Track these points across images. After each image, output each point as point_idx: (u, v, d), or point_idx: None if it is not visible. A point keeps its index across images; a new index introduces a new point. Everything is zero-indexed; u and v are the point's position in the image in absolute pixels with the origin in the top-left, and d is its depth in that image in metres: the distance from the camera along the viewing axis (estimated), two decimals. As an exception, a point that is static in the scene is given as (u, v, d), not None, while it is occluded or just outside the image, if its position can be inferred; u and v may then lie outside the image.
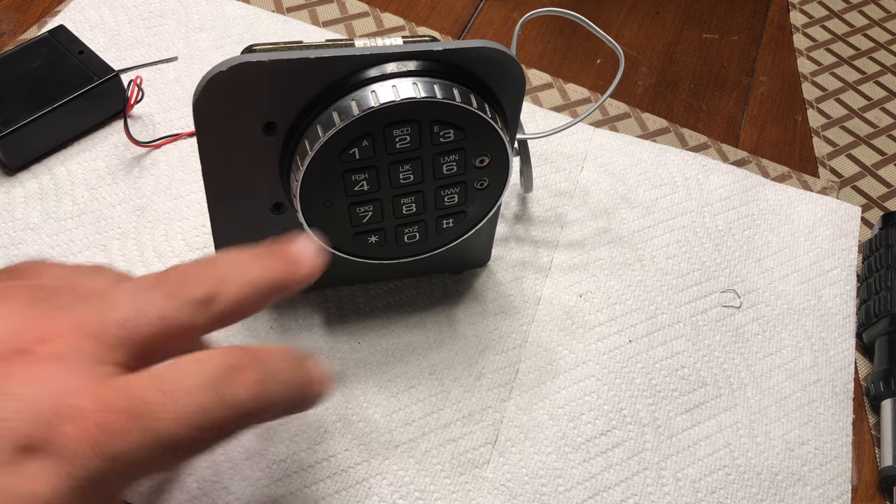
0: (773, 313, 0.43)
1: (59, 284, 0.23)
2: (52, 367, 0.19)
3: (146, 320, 0.21)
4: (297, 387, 0.24)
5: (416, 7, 0.56)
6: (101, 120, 0.45)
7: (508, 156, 0.34)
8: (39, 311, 0.21)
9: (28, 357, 0.19)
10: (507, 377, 0.39)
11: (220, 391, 0.21)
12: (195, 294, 0.23)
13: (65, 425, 0.19)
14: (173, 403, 0.20)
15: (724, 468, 0.38)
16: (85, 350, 0.20)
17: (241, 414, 0.22)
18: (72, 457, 0.19)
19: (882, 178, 0.52)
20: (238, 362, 0.22)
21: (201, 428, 0.21)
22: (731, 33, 0.59)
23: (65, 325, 0.20)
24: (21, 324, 0.20)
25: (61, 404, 0.19)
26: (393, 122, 0.30)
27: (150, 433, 0.20)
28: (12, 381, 0.19)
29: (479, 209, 0.36)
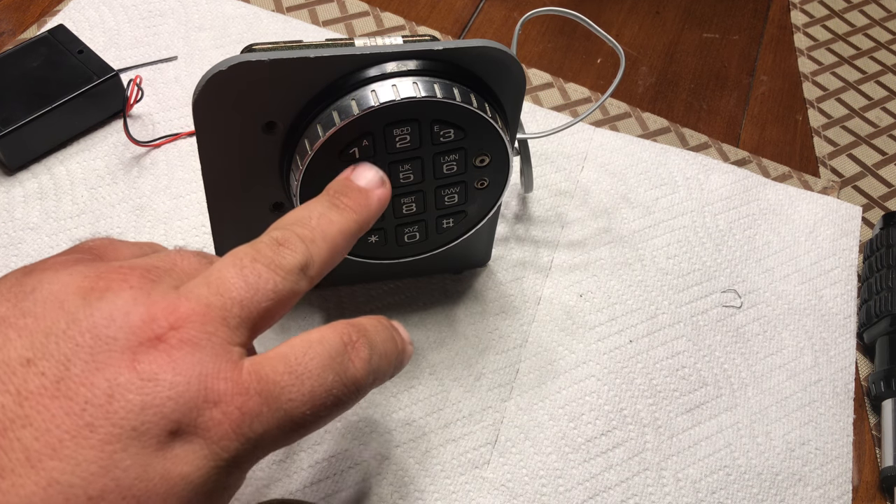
0: (774, 313, 0.43)
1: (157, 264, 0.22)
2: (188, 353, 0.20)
3: (261, 297, 0.22)
4: (396, 356, 0.25)
5: (416, 6, 0.56)
6: (101, 119, 0.45)
7: (509, 155, 0.34)
8: (160, 294, 0.21)
9: (165, 344, 0.20)
10: (507, 377, 0.39)
11: (340, 369, 0.22)
12: (294, 262, 0.23)
13: (210, 410, 0.20)
14: (301, 385, 0.21)
15: (724, 468, 0.38)
16: (214, 334, 0.21)
17: (357, 389, 0.23)
18: (217, 440, 0.20)
19: (883, 178, 0.52)
20: (350, 339, 0.23)
21: (325, 406, 0.22)
22: (732, 33, 0.59)
23: (190, 309, 0.21)
24: (149, 310, 0.20)
25: (205, 390, 0.20)
26: (393, 122, 0.30)
27: (282, 414, 0.21)
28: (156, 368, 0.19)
29: (479, 209, 0.36)
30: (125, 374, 0.19)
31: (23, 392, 0.18)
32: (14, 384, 0.18)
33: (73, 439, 0.18)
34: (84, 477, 0.18)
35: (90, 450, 0.18)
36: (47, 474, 0.18)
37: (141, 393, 0.19)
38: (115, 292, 0.20)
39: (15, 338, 0.19)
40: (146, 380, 0.19)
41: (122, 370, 0.19)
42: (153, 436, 0.19)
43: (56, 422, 0.18)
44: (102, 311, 0.20)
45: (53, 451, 0.18)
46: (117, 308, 0.20)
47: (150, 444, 0.19)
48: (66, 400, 0.18)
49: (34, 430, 0.18)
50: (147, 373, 0.19)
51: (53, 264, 0.22)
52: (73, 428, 0.18)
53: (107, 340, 0.19)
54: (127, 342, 0.19)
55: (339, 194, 0.27)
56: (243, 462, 0.21)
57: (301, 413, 0.21)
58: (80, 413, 0.18)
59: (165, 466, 0.19)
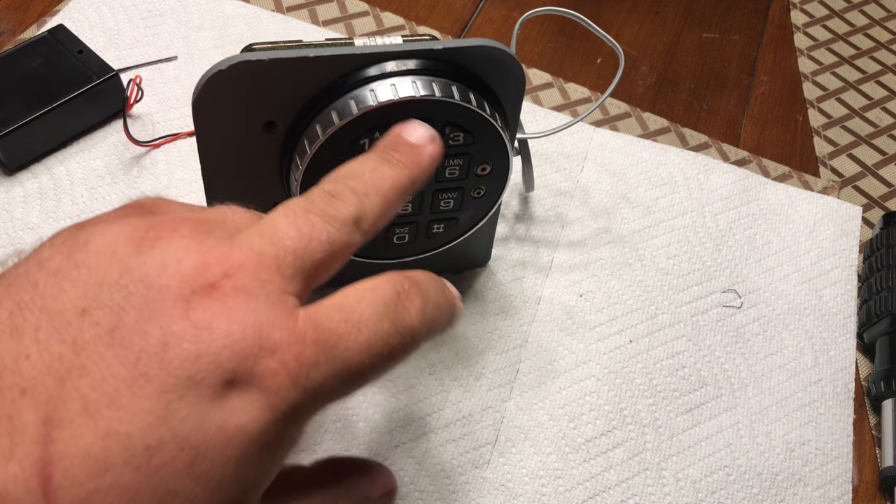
0: (774, 313, 0.43)
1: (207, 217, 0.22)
2: (243, 301, 0.19)
3: (315, 247, 0.21)
4: (447, 308, 0.25)
5: (415, 6, 0.56)
6: (101, 119, 0.45)
7: (508, 166, 0.34)
8: (212, 243, 0.20)
9: (218, 292, 0.19)
10: (507, 377, 0.39)
11: (396, 318, 0.22)
12: (349, 213, 0.23)
13: (266, 359, 0.19)
14: (358, 333, 0.21)
15: (724, 468, 0.38)
16: (269, 282, 0.20)
17: (413, 339, 0.22)
18: (274, 390, 0.19)
19: (883, 178, 0.52)
20: (404, 288, 0.23)
21: (381, 355, 0.21)
22: (732, 33, 0.59)
23: (244, 257, 0.20)
24: (202, 257, 0.20)
25: (261, 338, 0.19)
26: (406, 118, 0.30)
27: (339, 363, 0.20)
28: (211, 317, 0.19)
29: (470, 217, 0.36)
30: (179, 322, 0.18)
31: (79, 342, 0.18)
32: (70, 334, 0.18)
33: (129, 389, 0.18)
34: (141, 427, 0.17)
35: (146, 399, 0.18)
36: (105, 424, 0.17)
37: (195, 341, 0.18)
38: (167, 241, 0.20)
39: (69, 288, 0.19)
40: (201, 328, 0.18)
41: (176, 318, 0.18)
42: (209, 385, 0.18)
43: (112, 371, 0.18)
44: (154, 259, 0.19)
45: (111, 400, 0.17)
46: (169, 256, 0.19)
47: (206, 394, 0.18)
48: (120, 349, 0.18)
49: (91, 380, 0.18)
50: (201, 321, 0.19)
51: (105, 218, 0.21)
52: (129, 377, 0.18)
53: (159, 288, 0.19)
54: (180, 290, 0.19)
55: (391, 149, 0.26)
56: (302, 414, 0.20)
57: (359, 362, 0.21)
58: (134, 362, 0.18)
59: (222, 417, 0.18)
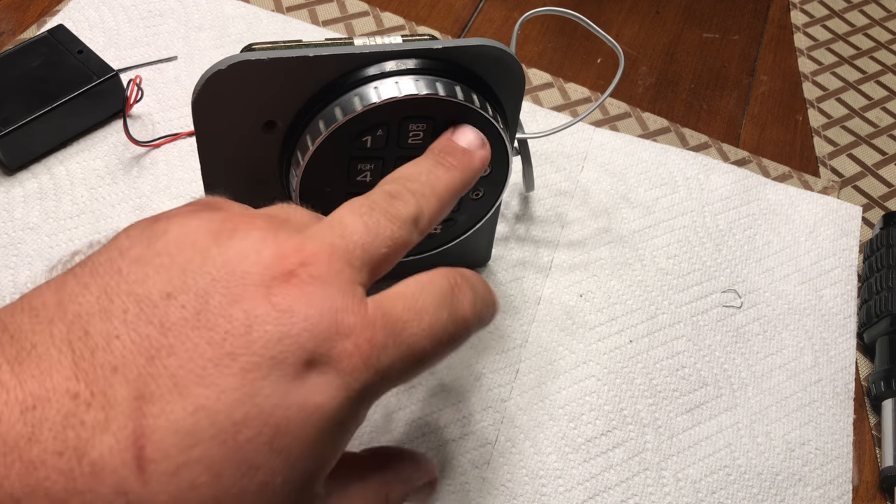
0: (774, 313, 0.43)
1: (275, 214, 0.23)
2: (319, 288, 0.20)
3: (381, 242, 0.23)
4: (492, 303, 0.26)
5: (415, 6, 0.56)
6: (101, 119, 0.45)
7: (507, 171, 0.34)
8: (286, 235, 0.21)
9: (296, 279, 0.20)
10: (507, 377, 0.39)
11: (453, 308, 0.24)
12: (409, 213, 0.25)
13: (342, 341, 0.20)
14: (421, 320, 0.22)
15: (724, 468, 0.38)
16: (342, 272, 0.21)
17: (467, 327, 0.24)
18: (350, 371, 0.20)
19: (883, 178, 0.52)
20: (456, 282, 0.24)
21: (441, 342, 0.23)
22: (732, 33, 0.59)
23: (317, 248, 0.21)
24: (279, 247, 0.21)
25: (337, 322, 0.20)
26: (411, 116, 0.30)
27: (406, 347, 0.22)
28: (291, 302, 0.20)
29: (467, 219, 0.36)
30: (261, 306, 0.19)
31: (166, 324, 0.19)
32: (157, 317, 0.19)
33: (216, 367, 0.19)
34: (228, 403, 0.18)
35: (232, 377, 0.19)
36: (194, 400, 0.18)
37: (277, 324, 0.19)
38: (245, 232, 0.21)
39: (153, 274, 0.20)
40: (282, 311, 0.20)
41: (259, 302, 0.20)
42: (290, 365, 0.19)
43: (199, 351, 0.19)
44: (234, 248, 0.20)
45: (199, 378, 0.18)
46: (248, 246, 0.21)
47: (288, 373, 0.19)
48: (206, 330, 0.19)
49: (179, 359, 0.18)
50: (282, 305, 0.20)
51: (179, 212, 0.22)
52: (216, 356, 0.19)
53: (241, 275, 0.20)
54: (261, 277, 0.20)
55: (444, 153, 0.28)
56: (371, 394, 0.22)
57: (422, 347, 0.22)
58: (220, 342, 0.19)
59: (303, 395, 0.19)
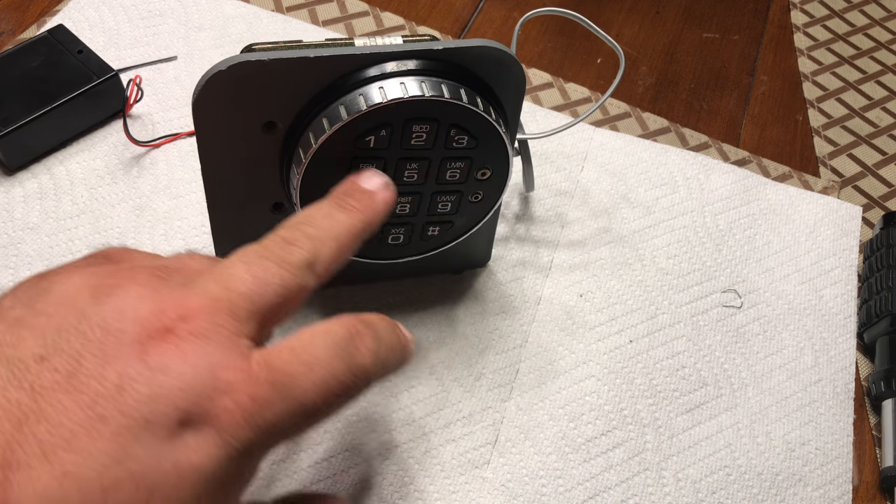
0: (774, 313, 0.43)
1: (167, 265, 0.23)
2: (197, 345, 0.20)
3: (270, 290, 0.22)
4: (399, 349, 0.26)
5: (415, 6, 0.56)
6: (101, 119, 0.45)
7: (507, 174, 0.34)
8: (169, 290, 0.21)
9: (173, 336, 0.20)
10: (507, 377, 0.39)
11: (349, 359, 0.23)
12: (302, 258, 0.24)
13: (220, 399, 0.20)
14: (311, 373, 0.22)
15: (724, 468, 0.38)
16: (223, 326, 0.21)
17: (365, 378, 0.23)
18: (228, 429, 0.20)
19: (883, 178, 0.52)
20: (356, 330, 0.24)
21: (335, 395, 0.22)
22: (732, 33, 0.59)
23: (198, 303, 0.21)
24: (158, 304, 0.20)
25: (215, 379, 0.20)
26: (415, 118, 0.30)
27: (293, 402, 0.21)
28: (166, 360, 0.19)
29: (466, 222, 0.36)
30: (135, 365, 0.19)
31: (37, 387, 0.19)
32: (28, 380, 0.19)
33: (86, 431, 0.18)
34: (97, 468, 0.18)
35: (102, 441, 0.18)
36: (62, 467, 0.18)
37: (151, 384, 0.19)
38: (125, 289, 0.21)
39: (29, 336, 0.20)
40: (156, 370, 0.19)
41: (132, 362, 0.19)
42: (164, 426, 0.19)
43: (69, 415, 0.18)
44: (111, 306, 0.20)
45: (67, 443, 0.18)
46: (126, 303, 0.20)
47: (161, 434, 0.19)
48: (77, 393, 0.19)
49: (48, 424, 0.18)
50: (156, 364, 0.19)
51: (67, 268, 0.22)
52: (86, 420, 0.18)
53: (116, 334, 0.20)
54: (136, 334, 0.20)
55: (345, 195, 0.27)
56: (255, 451, 0.21)
57: (312, 401, 0.22)
58: (91, 405, 0.18)
59: (177, 456, 0.19)
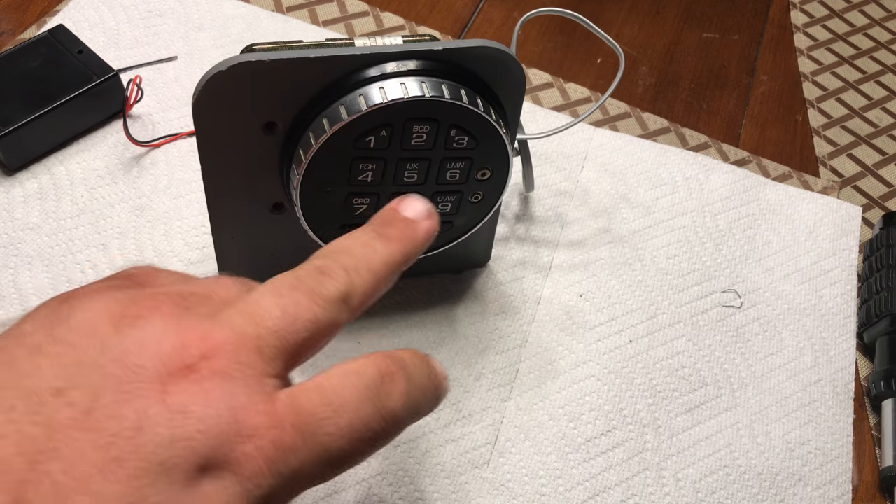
0: (774, 313, 0.43)
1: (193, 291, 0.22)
2: (220, 385, 0.19)
3: (300, 326, 0.21)
4: (433, 390, 0.24)
5: (415, 6, 0.56)
6: (101, 119, 0.45)
7: (507, 175, 0.34)
8: (193, 322, 0.20)
9: (196, 374, 0.19)
10: (507, 377, 0.39)
11: (379, 403, 0.21)
12: (335, 291, 0.22)
13: (243, 444, 0.19)
14: (338, 417, 0.20)
15: (724, 468, 0.38)
16: (248, 365, 0.20)
17: (395, 423, 0.22)
18: (250, 476, 0.19)
19: (883, 178, 0.52)
20: (388, 370, 0.22)
21: (363, 440, 0.21)
22: (732, 33, 0.59)
23: (224, 338, 0.20)
24: (180, 338, 0.19)
25: (237, 423, 0.19)
26: (415, 118, 0.30)
27: (319, 448, 0.20)
28: (186, 400, 0.19)
29: (466, 222, 0.36)
30: (154, 405, 0.18)
31: (52, 423, 0.18)
32: (44, 415, 0.18)
33: (101, 474, 0.17)
34: None
35: (117, 485, 0.17)
36: None
37: (170, 426, 0.18)
38: (147, 319, 0.20)
39: (46, 366, 0.19)
40: (176, 412, 0.18)
41: (152, 402, 0.18)
42: (182, 471, 0.18)
43: (84, 455, 0.17)
44: (133, 338, 0.19)
45: (81, 485, 0.17)
46: (148, 336, 0.19)
47: (179, 479, 0.18)
48: (93, 432, 0.18)
49: (62, 464, 0.17)
50: (177, 405, 0.18)
51: (89, 291, 0.21)
52: (101, 462, 0.17)
53: (136, 370, 0.19)
54: (157, 372, 0.19)
55: (385, 225, 0.26)
56: (278, 500, 0.20)
57: (339, 447, 0.20)
58: (107, 446, 0.18)
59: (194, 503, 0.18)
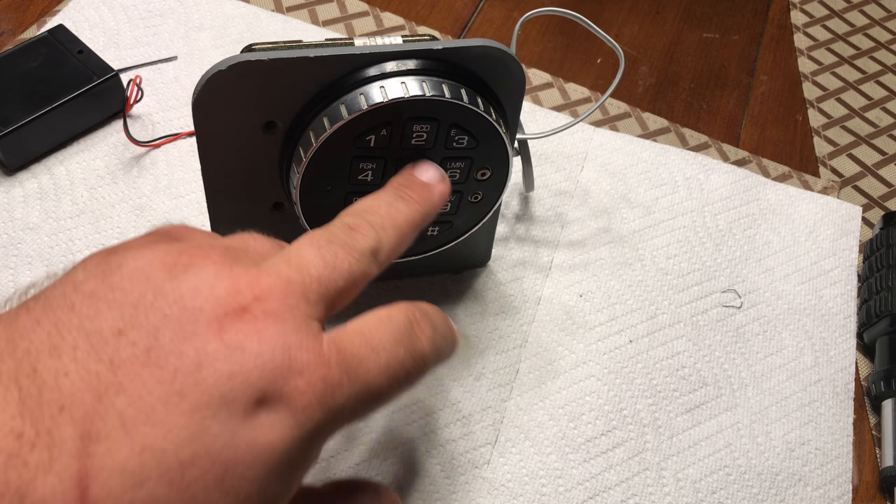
0: (774, 313, 0.43)
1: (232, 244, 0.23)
2: (273, 325, 0.20)
3: (339, 275, 0.23)
4: (451, 339, 0.26)
5: (415, 6, 0.56)
6: (101, 119, 0.45)
7: (507, 175, 0.34)
8: (242, 269, 0.21)
9: (249, 315, 0.20)
10: (507, 377, 0.39)
11: (410, 345, 0.23)
12: (368, 245, 0.24)
13: (295, 379, 0.20)
14: (377, 357, 0.22)
15: (724, 468, 0.38)
16: (296, 307, 0.21)
17: (424, 364, 0.24)
18: (302, 409, 0.20)
19: (883, 178, 0.52)
20: (415, 317, 0.24)
21: (398, 379, 0.23)
22: (732, 33, 0.59)
23: (272, 283, 0.21)
24: (233, 283, 0.21)
25: (290, 360, 0.20)
26: (415, 117, 0.30)
27: (360, 385, 0.21)
28: (243, 339, 0.20)
29: (465, 222, 0.36)
30: (213, 343, 0.19)
31: (116, 360, 0.19)
32: (107, 353, 0.19)
33: (165, 406, 0.18)
34: (175, 442, 0.18)
35: (181, 416, 0.18)
36: (141, 439, 0.18)
37: (228, 362, 0.19)
38: (199, 266, 0.21)
39: (105, 310, 0.19)
40: (233, 348, 0.19)
41: (210, 339, 0.19)
42: (240, 404, 0.19)
43: (148, 389, 0.18)
44: (188, 283, 0.20)
45: (146, 416, 0.18)
46: (202, 281, 0.20)
47: (238, 412, 0.19)
48: (156, 368, 0.19)
49: (127, 397, 0.18)
50: (234, 342, 0.19)
51: (136, 244, 0.22)
52: (165, 395, 0.18)
53: (193, 311, 0.20)
54: (213, 313, 0.20)
55: (404, 187, 0.28)
56: (324, 433, 0.21)
57: (378, 384, 0.22)
58: (170, 381, 0.19)
59: (252, 434, 0.19)
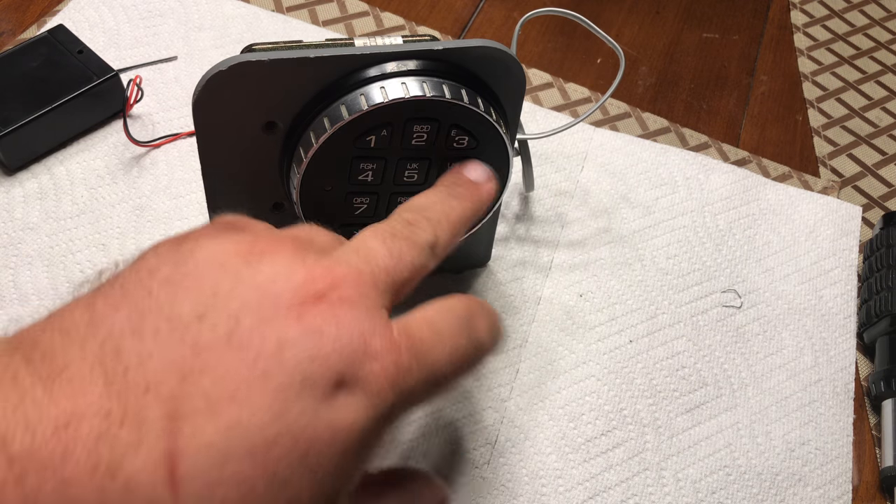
0: (774, 313, 0.43)
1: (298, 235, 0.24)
2: (348, 311, 0.21)
3: (403, 267, 0.24)
4: (499, 329, 0.27)
5: (416, 6, 0.56)
6: (101, 119, 0.45)
7: (507, 175, 0.34)
8: (314, 259, 0.22)
9: (326, 302, 0.21)
10: (507, 377, 0.39)
11: (471, 333, 0.24)
12: (427, 239, 0.26)
13: (370, 363, 0.21)
14: (443, 344, 0.23)
15: (724, 468, 0.38)
16: (367, 296, 0.22)
17: (483, 352, 0.25)
18: (376, 392, 0.21)
19: (883, 178, 0.52)
20: (473, 308, 0.25)
21: (461, 365, 0.24)
22: (732, 33, 0.59)
23: (344, 272, 0.22)
24: (308, 271, 0.21)
25: (365, 345, 0.21)
26: (415, 118, 0.30)
27: (427, 370, 0.22)
28: (321, 323, 0.20)
29: None
30: (293, 327, 0.20)
31: (198, 344, 0.19)
32: (189, 337, 0.19)
33: (249, 387, 0.19)
34: (260, 422, 0.18)
35: (265, 396, 0.19)
36: (227, 419, 0.18)
37: (308, 345, 0.20)
38: (273, 255, 0.21)
39: (183, 296, 0.20)
40: (312, 333, 0.20)
41: (290, 324, 0.20)
42: (320, 386, 0.20)
43: (232, 370, 0.19)
44: (265, 271, 0.21)
45: (232, 397, 0.18)
46: (278, 269, 0.21)
47: (318, 393, 0.19)
48: (239, 351, 0.19)
49: (212, 378, 0.19)
50: (312, 326, 0.20)
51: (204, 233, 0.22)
52: (248, 376, 0.19)
53: (272, 297, 0.20)
54: (291, 299, 0.20)
55: (455, 185, 0.29)
56: (395, 416, 0.22)
57: (443, 370, 0.23)
58: (253, 362, 0.19)
59: (331, 416, 0.20)
